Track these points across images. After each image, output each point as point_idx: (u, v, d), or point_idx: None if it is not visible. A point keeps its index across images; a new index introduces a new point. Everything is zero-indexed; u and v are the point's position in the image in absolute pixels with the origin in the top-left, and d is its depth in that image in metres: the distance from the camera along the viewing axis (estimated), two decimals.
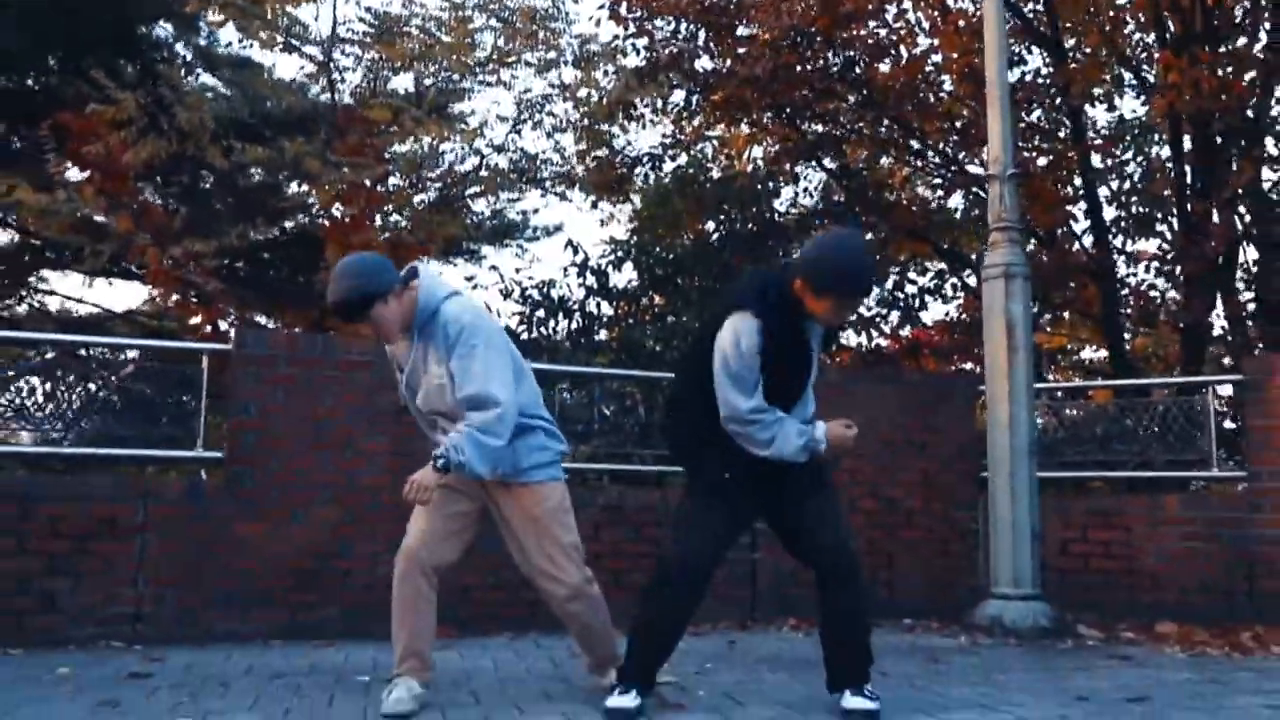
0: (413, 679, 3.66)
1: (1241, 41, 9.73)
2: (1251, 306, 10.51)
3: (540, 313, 9.67)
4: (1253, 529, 6.16)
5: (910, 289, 12.49)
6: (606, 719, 3.54)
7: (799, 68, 9.56)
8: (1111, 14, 10.07)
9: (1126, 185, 11.44)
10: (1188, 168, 9.85)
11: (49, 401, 5.48)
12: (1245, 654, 5.31)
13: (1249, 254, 10.62)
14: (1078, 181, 10.60)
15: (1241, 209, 9.99)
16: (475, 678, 4.34)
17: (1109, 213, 11.05)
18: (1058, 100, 9.95)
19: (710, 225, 11.67)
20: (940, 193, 12.02)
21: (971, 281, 11.78)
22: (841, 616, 3.65)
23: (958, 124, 10.55)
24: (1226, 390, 8.29)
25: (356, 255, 3.79)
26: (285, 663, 4.69)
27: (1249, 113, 9.20)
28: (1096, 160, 10.26)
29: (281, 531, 5.51)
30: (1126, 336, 11.35)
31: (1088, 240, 10.88)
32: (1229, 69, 9.06)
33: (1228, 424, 8.70)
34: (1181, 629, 5.90)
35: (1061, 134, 10.80)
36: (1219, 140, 9.60)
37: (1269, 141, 9.51)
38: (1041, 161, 10.53)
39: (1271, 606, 6.01)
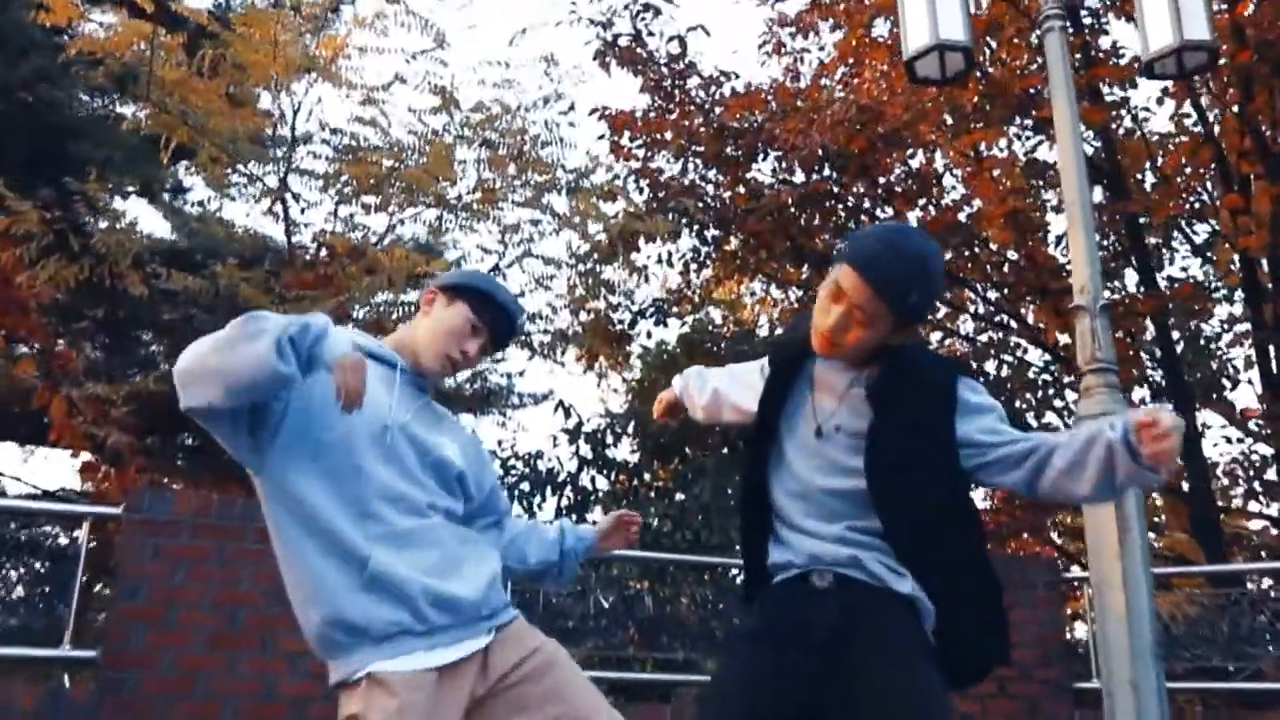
0: None
1: None
2: None
3: (525, 485, 8.68)
4: None
5: None
6: None
7: (827, 203, 8.59)
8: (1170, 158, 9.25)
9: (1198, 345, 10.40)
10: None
11: None
12: None
13: None
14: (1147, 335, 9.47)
15: None
16: None
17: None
18: (1122, 231, 8.92)
19: None
20: (985, 343, 10.84)
21: None
22: None
23: (996, 274, 9.58)
24: None
25: None
26: None
27: None
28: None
29: None
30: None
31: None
32: None
33: None
34: None
35: (1128, 283, 9.82)
36: None
37: None
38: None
39: None
